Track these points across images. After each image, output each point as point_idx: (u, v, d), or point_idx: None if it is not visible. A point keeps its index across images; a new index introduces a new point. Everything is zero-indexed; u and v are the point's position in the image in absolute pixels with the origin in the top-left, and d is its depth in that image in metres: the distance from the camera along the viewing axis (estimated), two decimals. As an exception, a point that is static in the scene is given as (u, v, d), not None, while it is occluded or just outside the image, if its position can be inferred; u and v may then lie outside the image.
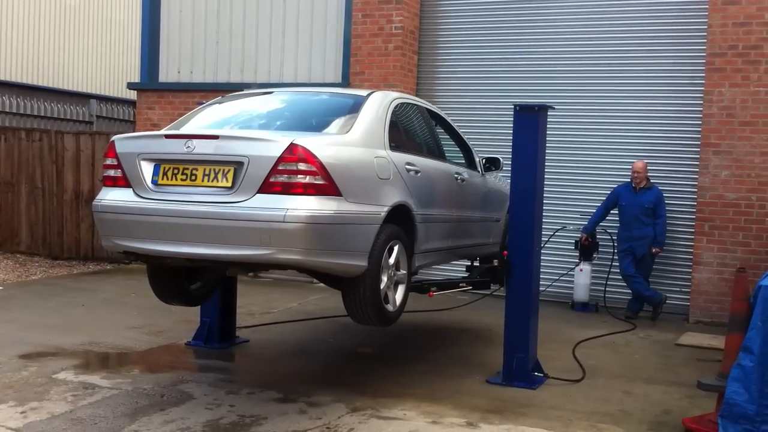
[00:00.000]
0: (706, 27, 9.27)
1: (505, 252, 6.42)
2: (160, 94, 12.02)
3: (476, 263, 7.71)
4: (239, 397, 5.66)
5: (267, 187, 4.77)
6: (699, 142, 9.33)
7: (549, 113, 6.48)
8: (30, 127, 13.94)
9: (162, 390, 5.77)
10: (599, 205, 9.60)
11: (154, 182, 5.08)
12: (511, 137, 6.37)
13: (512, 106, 6.38)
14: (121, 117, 16.73)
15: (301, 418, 5.26)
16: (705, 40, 9.28)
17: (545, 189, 6.65)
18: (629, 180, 9.39)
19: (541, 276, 6.69)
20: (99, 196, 5.34)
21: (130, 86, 13.23)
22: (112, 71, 18.03)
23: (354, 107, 5.65)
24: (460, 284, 7.09)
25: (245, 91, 6.59)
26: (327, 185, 4.81)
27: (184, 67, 12.04)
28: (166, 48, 12.15)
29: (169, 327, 7.88)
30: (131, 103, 15.75)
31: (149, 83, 12.23)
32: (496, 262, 7.11)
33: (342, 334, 7.98)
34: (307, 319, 8.52)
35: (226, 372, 6.47)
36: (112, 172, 5.29)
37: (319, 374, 6.44)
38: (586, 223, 9.69)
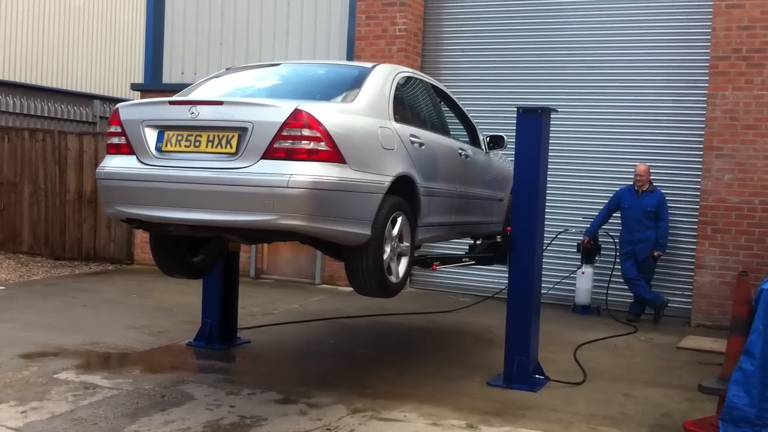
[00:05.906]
0: (709, 30, 9.25)
1: (509, 228, 6.39)
2: (163, 95, 11.97)
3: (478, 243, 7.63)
4: (240, 398, 5.66)
5: (271, 153, 4.73)
6: (702, 146, 9.32)
7: (552, 116, 6.49)
8: (33, 128, 13.96)
9: (163, 390, 5.77)
10: (602, 208, 9.60)
11: (158, 149, 5.05)
12: (515, 139, 6.38)
13: (515, 109, 6.39)
14: (125, 118, 16.71)
15: (301, 419, 5.26)
16: (708, 44, 9.27)
17: (548, 192, 6.64)
18: (632, 183, 9.38)
19: (542, 278, 6.69)
20: (102, 164, 5.30)
21: (134, 87, 13.26)
22: (115, 72, 18.07)
23: (359, 78, 5.62)
24: (463, 259, 7.03)
25: (251, 63, 6.56)
26: (331, 152, 4.77)
27: (187, 68, 12.05)
28: (169, 49, 12.19)
29: (170, 327, 7.89)
30: (134, 104, 15.75)
31: (153, 84, 12.23)
32: (499, 238, 7.07)
33: (343, 336, 7.98)
34: (308, 320, 8.52)
35: (226, 373, 6.47)
36: (115, 140, 5.25)
37: (320, 375, 6.43)
38: (588, 225, 9.69)
